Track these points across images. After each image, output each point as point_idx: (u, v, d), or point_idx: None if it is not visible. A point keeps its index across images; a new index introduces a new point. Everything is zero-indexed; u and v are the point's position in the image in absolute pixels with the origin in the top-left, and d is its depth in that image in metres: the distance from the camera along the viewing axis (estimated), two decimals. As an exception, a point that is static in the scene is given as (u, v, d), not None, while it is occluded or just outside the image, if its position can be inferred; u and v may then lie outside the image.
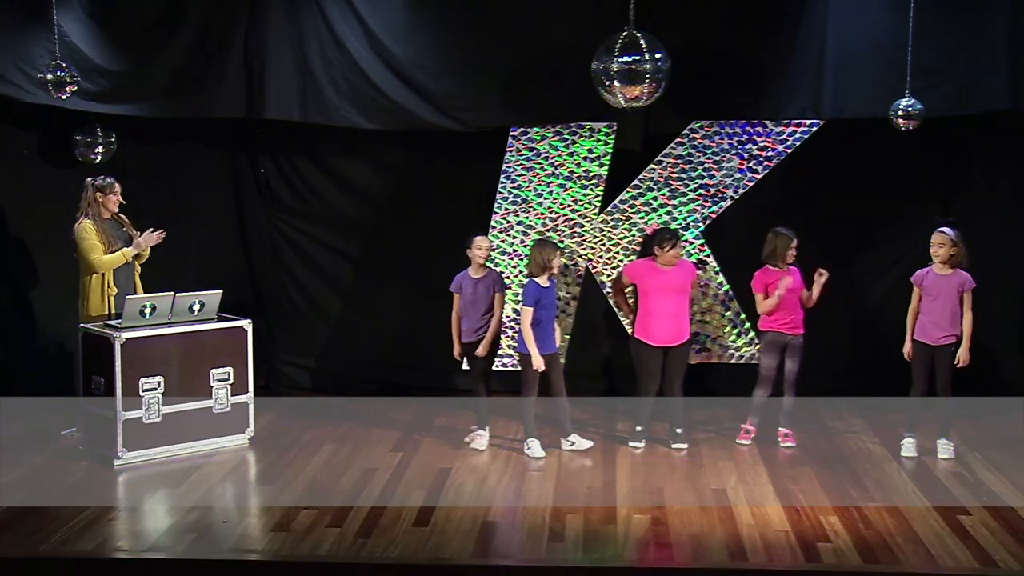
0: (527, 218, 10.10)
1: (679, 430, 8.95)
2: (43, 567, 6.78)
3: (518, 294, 9.88)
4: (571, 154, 9.98)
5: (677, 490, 7.94)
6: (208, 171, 10.47)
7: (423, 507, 7.55)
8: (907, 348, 8.66)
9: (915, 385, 8.68)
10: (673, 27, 8.93)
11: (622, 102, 7.92)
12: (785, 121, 9.71)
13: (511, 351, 10.04)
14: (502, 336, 9.30)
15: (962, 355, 8.57)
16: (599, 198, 10.04)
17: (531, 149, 10.00)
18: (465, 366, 9.37)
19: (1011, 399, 9.88)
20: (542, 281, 8.68)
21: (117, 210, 8.98)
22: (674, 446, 8.90)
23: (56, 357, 9.82)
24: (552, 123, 9.85)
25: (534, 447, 8.69)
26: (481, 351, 8.86)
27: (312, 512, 7.45)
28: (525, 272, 9.01)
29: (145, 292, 8.90)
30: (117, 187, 8.95)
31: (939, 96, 9.02)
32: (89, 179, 8.96)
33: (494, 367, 9.36)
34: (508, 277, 10.11)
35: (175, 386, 8.60)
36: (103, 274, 8.83)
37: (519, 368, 8.94)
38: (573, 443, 8.77)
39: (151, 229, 8.97)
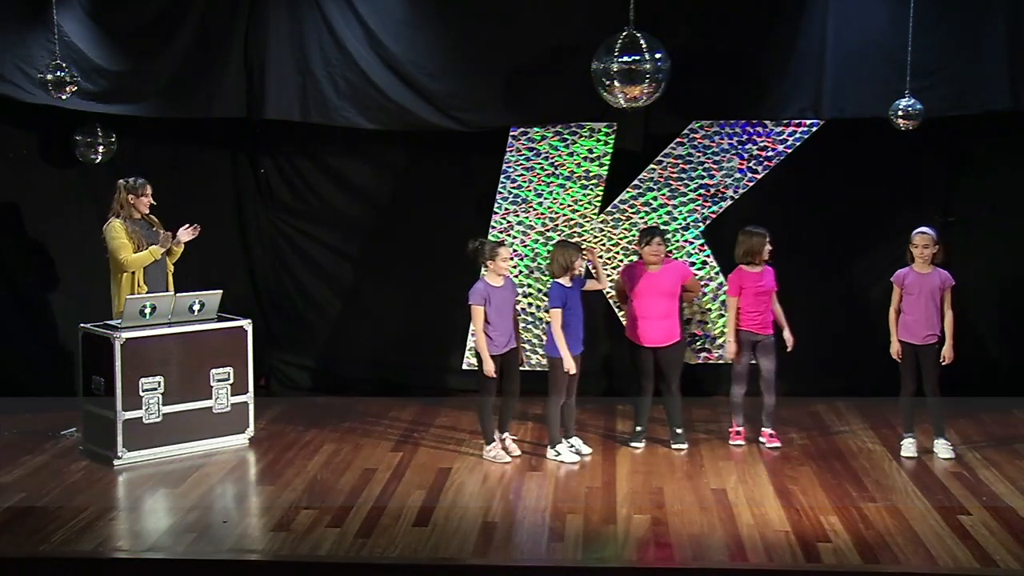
0: (527, 218, 10.09)
1: (679, 430, 8.94)
2: (43, 567, 6.78)
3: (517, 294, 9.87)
4: (571, 154, 9.98)
5: (677, 490, 7.94)
6: (208, 171, 10.47)
7: (423, 507, 7.56)
8: (895, 349, 8.65)
9: (905, 385, 8.66)
10: (673, 27, 8.94)
11: (622, 102, 7.92)
12: (785, 121, 9.71)
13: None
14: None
15: (947, 353, 8.55)
16: (599, 198, 10.03)
17: (531, 149, 10.00)
18: (464, 365, 9.36)
19: (1011, 399, 9.89)
20: (565, 282, 8.57)
21: (148, 211, 8.98)
22: (674, 446, 8.90)
23: (56, 357, 9.83)
24: (552, 123, 9.85)
25: (564, 452, 8.61)
26: (522, 360, 8.94)
27: (312, 512, 7.45)
28: (548, 274, 8.79)
29: (177, 290, 8.89)
30: (148, 188, 8.93)
31: (939, 96, 9.02)
32: (121, 181, 8.93)
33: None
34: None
35: (175, 386, 8.60)
36: (133, 273, 8.82)
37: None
38: (573, 446, 8.74)
39: (185, 226, 8.96)
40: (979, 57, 9.09)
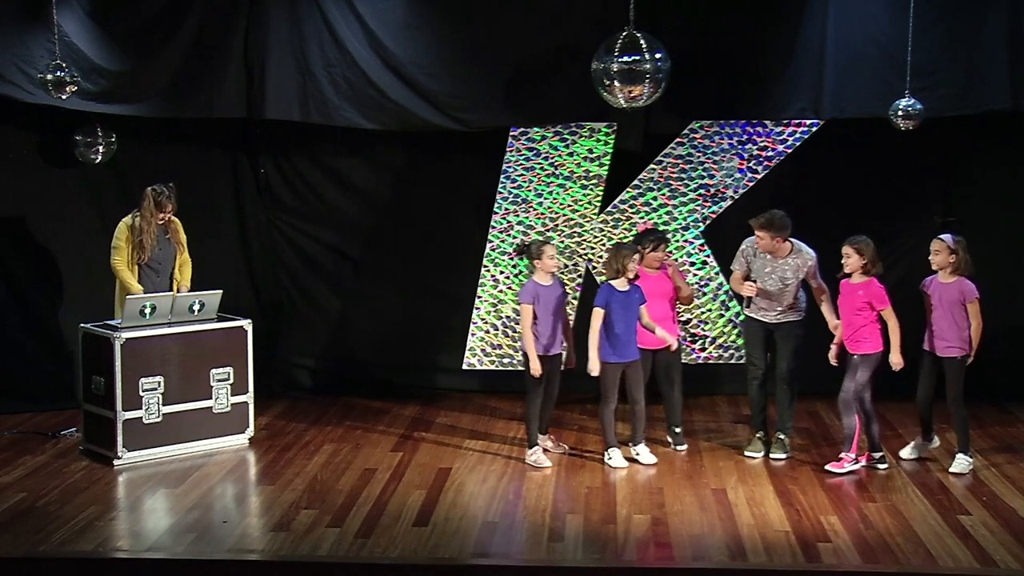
0: (527, 218, 10.10)
1: (678, 429, 8.94)
2: (43, 567, 6.79)
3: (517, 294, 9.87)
4: (571, 154, 9.98)
5: (677, 490, 7.94)
6: (208, 171, 10.46)
7: (423, 507, 7.56)
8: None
9: (919, 389, 8.42)
10: (674, 27, 8.94)
11: (622, 102, 7.93)
12: (785, 121, 9.71)
13: (511, 351, 10.07)
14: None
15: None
16: (599, 198, 10.04)
17: (531, 149, 10.00)
18: (464, 365, 9.32)
19: (1012, 401, 9.89)
20: (618, 285, 8.38)
21: (160, 222, 8.99)
22: (674, 446, 8.90)
23: (56, 357, 9.83)
24: (552, 123, 9.85)
25: (616, 457, 8.49)
26: (572, 363, 8.71)
27: (312, 512, 7.45)
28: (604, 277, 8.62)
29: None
30: (169, 207, 8.94)
31: (939, 96, 9.02)
32: (150, 188, 8.93)
33: (493, 367, 9.24)
34: (508, 278, 10.13)
35: (175, 386, 8.60)
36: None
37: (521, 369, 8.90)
38: (639, 454, 8.60)
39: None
40: (979, 57, 9.10)
